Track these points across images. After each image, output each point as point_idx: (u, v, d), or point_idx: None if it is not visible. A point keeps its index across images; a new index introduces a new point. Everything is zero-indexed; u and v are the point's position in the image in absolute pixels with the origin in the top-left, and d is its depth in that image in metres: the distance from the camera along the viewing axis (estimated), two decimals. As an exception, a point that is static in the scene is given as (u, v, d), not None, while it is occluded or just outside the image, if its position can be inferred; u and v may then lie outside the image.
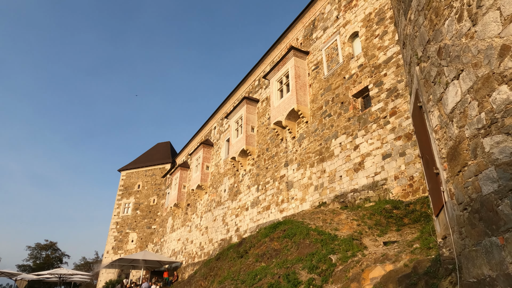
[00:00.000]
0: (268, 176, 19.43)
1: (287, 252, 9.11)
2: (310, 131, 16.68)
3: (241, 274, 9.36)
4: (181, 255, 29.97)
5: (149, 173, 44.85)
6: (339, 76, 15.53)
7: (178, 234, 32.28)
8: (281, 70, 19.12)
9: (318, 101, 16.65)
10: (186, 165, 34.52)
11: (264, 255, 9.68)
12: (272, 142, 19.89)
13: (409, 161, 11.03)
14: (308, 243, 8.81)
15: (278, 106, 18.61)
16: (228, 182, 24.49)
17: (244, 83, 25.63)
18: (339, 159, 14.20)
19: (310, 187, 15.55)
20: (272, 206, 18.23)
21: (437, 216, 5.15)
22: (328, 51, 16.77)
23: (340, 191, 13.65)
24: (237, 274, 9.54)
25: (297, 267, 7.97)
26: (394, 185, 11.35)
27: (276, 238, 10.02)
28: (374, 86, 13.35)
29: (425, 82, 4.95)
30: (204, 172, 28.48)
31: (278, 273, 8.03)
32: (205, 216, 27.14)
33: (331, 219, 10.28)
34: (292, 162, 17.47)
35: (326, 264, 7.55)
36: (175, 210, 33.57)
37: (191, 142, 35.47)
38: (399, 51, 12.65)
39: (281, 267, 8.37)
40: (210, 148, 29.53)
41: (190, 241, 28.79)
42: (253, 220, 19.76)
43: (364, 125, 13.31)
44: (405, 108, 11.73)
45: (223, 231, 23.21)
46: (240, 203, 21.85)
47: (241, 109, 23.11)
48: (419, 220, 9.67)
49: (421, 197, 10.29)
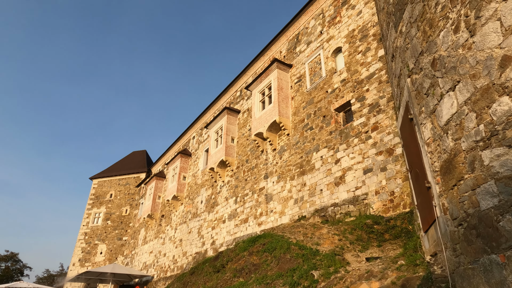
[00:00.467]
0: (247, 188, 19.07)
1: (267, 267, 8.75)
2: (291, 143, 16.56)
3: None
4: (153, 269, 28.76)
5: (122, 182, 43.32)
6: (322, 90, 15.59)
7: (151, 246, 31.06)
8: (264, 81, 19.06)
9: (300, 114, 16.61)
10: (162, 174, 33.57)
11: (242, 270, 9.26)
12: (252, 153, 19.63)
13: (390, 176, 11.03)
14: (289, 258, 8.49)
15: (259, 117, 18.45)
16: (206, 193, 23.90)
17: (226, 93, 25.40)
18: (320, 172, 14.10)
19: (290, 200, 15.32)
20: (250, 219, 17.82)
21: (426, 232, 5.00)
22: (311, 65, 16.88)
23: (320, 205, 13.48)
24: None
25: (278, 283, 7.63)
26: (375, 200, 11.30)
27: (256, 252, 9.64)
28: (356, 101, 13.44)
29: (417, 94, 4.88)
30: (180, 183, 27.72)
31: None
32: (180, 228, 26.27)
33: (312, 233, 10.03)
34: (272, 174, 17.23)
35: (308, 281, 7.25)
36: (149, 221, 32.39)
37: (168, 151, 34.64)
38: (381, 68, 12.84)
39: (261, 283, 8.00)
40: (188, 158, 28.88)
41: (163, 254, 27.72)
42: (230, 233, 19.23)
43: (346, 139, 13.31)
44: (387, 123, 11.82)
45: (198, 244, 22.47)
46: (217, 215, 21.29)
47: (222, 119, 22.80)
48: (400, 236, 9.60)
49: (401, 213, 10.26)
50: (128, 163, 46.37)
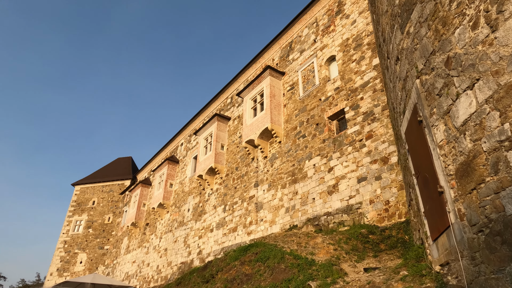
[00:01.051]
0: (236, 196, 18.64)
1: (260, 277, 8.35)
2: (283, 151, 16.31)
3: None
4: (135, 279, 27.73)
5: (106, 189, 42.10)
6: (315, 98, 15.47)
7: (134, 256, 30.02)
8: (256, 88, 18.86)
9: (292, 121, 16.42)
10: (148, 182, 32.75)
11: (234, 280, 8.82)
12: (243, 161, 19.27)
13: (385, 185, 10.86)
14: (284, 267, 8.12)
15: (251, 124, 18.17)
16: (193, 201, 23.31)
17: (216, 100, 25.09)
18: (313, 181, 13.85)
19: (281, 209, 14.98)
20: (239, 228, 17.36)
21: (435, 241, 4.76)
22: (305, 73, 16.79)
23: (312, 214, 13.19)
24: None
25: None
26: (369, 209, 11.09)
27: (248, 262, 9.23)
28: (350, 109, 13.34)
29: (427, 95, 4.69)
30: (167, 190, 27.03)
31: (251, 301, 7.23)
32: (165, 237, 25.48)
33: (306, 243, 9.69)
34: (263, 182, 16.89)
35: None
36: (132, 229, 31.39)
37: (155, 158, 33.90)
38: (376, 76, 12.80)
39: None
40: (175, 165, 28.27)
41: (147, 264, 26.78)
42: (217, 242, 18.68)
43: (340, 148, 13.14)
44: (381, 132, 11.70)
45: (184, 254, 21.77)
46: (205, 224, 20.72)
47: (212, 126, 22.43)
48: (396, 246, 9.37)
49: (397, 223, 10.06)
50: (113, 169, 45.21)
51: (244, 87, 19.77)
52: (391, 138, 11.28)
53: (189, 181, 25.00)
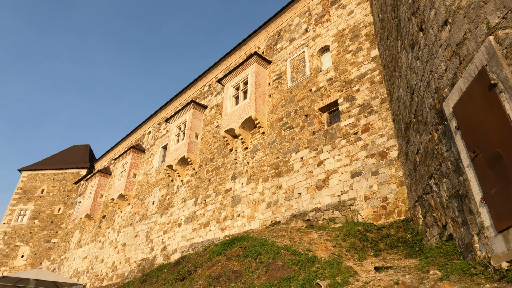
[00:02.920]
0: (210, 189, 17.26)
1: (252, 274, 7.18)
2: (266, 142, 15.24)
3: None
4: (86, 277, 25.20)
5: (58, 177, 38.53)
6: (305, 88, 14.60)
7: (86, 251, 27.38)
8: (240, 75, 17.68)
9: (278, 112, 15.43)
10: (107, 171, 30.20)
11: (219, 277, 7.56)
12: (219, 152, 17.95)
13: (383, 181, 10.15)
14: (281, 264, 7.01)
15: (232, 113, 16.94)
16: (159, 193, 21.51)
17: (192, 87, 23.53)
18: (299, 174, 12.90)
19: (262, 204, 13.87)
20: (212, 223, 16.00)
21: (503, 231, 3.94)
22: (294, 62, 15.89)
23: (298, 210, 12.22)
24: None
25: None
26: (364, 206, 10.32)
27: (235, 257, 8.01)
28: (344, 101, 12.60)
29: (507, 52, 3.88)
30: (130, 180, 24.90)
31: (245, 302, 6.05)
32: (124, 231, 23.35)
33: (300, 238, 8.66)
34: (242, 175, 15.69)
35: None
36: (86, 222, 28.69)
37: (117, 146, 31.40)
38: (374, 68, 12.16)
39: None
40: (140, 154, 26.19)
41: (100, 260, 24.41)
42: (186, 238, 17.15)
43: (331, 140, 12.32)
44: (380, 125, 11.02)
45: (145, 250, 19.91)
46: (172, 217, 19.07)
47: (186, 113, 20.87)
48: (397, 245, 8.62)
49: (396, 221, 9.35)
50: (68, 157, 41.58)
51: (226, 74, 18.51)
52: (391, 132, 10.63)
53: (156, 172, 23.14)
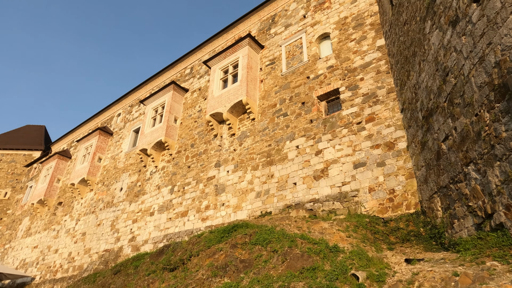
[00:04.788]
0: (189, 177, 16.01)
1: (265, 264, 6.27)
2: (256, 129, 14.34)
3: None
4: (36, 268, 22.68)
5: (6, 159, 34.78)
6: (302, 75, 13.90)
7: (36, 240, 24.72)
8: (229, 58, 16.62)
9: (271, 98, 14.59)
10: (67, 154, 27.60)
11: (225, 267, 6.55)
12: (201, 137, 16.75)
13: (390, 172, 9.67)
14: (299, 253, 6.18)
15: (219, 96, 15.84)
16: (129, 179, 19.79)
17: (171, 69, 22.02)
18: (295, 163, 12.16)
19: (250, 193, 12.95)
20: (191, 212, 14.79)
21: None
22: (290, 48, 15.15)
23: (293, 201, 11.46)
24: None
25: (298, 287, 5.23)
26: (368, 198, 9.78)
27: (241, 245, 7.05)
28: (346, 90, 12.05)
29: None
30: (94, 165, 22.78)
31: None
32: (84, 219, 21.26)
33: (308, 227, 7.89)
34: (227, 162, 14.66)
35: (347, 285, 5.05)
36: (39, 208, 25.95)
37: (79, 128, 28.85)
38: (380, 58, 11.73)
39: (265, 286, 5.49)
40: (108, 137, 24.11)
41: (54, 250, 22.06)
42: (159, 228, 15.76)
43: (332, 129, 11.71)
44: (386, 115, 10.57)
45: (110, 240, 18.15)
46: (143, 206, 17.53)
47: (166, 94, 19.38)
48: (409, 239, 8.14)
49: (404, 214, 8.88)
50: (19, 137, 37.71)
51: (214, 55, 17.35)
52: (398, 123, 10.20)
53: (126, 156, 21.33)
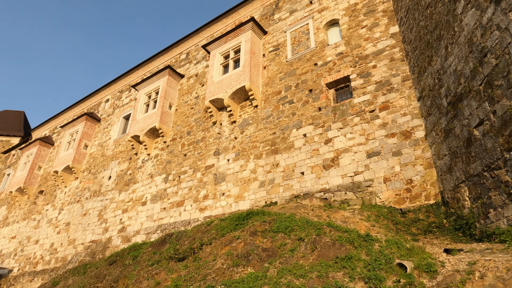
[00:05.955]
0: (185, 165, 15.26)
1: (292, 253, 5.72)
2: (259, 117, 13.73)
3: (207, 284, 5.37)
4: (13, 260, 21.37)
5: (-18, 144, 32.78)
6: (309, 62, 13.38)
7: (14, 230, 23.32)
8: (231, 42, 15.90)
9: (275, 85, 14.00)
10: (49, 140, 26.18)
11: (247, 256, 5.95)
12: (199, 125, 16.00)
13: (407, 162, 9.28)
14: (331, 242, 5.67)
15: (220, 81, 15.12)
16: (118, 167, 18.80)
17: (165, 54, 21.06)
18: (302, 152, 11.64)
19: (253, 183, 12.36)
20: (187, 202, 14.06)
21: None
22: (295, 34, 14.58)
23: (300, 190, 10.95)
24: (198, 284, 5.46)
25: (336, 277, 4.71)
26: (383, 188, 9.38)
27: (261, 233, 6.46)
28: (358, 77, 11.61)
29: None
30: (80, 152, 21.60)
31: (302, 284, 4.59)
32: (68, 208, 20.12)
33: (328, 216, 7.38)
34: (227, 151, 14.00)
35: (394, 275, 4.56)
36: (17, 197, 24.50)
37: (63, 113, 27.40)
38: (394, 45, 11.34)
39: (297, 276, 4.94)
40: (95, 123, 22.93)
41: (34, 241, 20.82)
42: (152, 218, 14.95)
43: (342, 117, 11.25)
44: (401, 103, 10.18)
45: (97, 230, 17.17)
46: (134, 195, 16.64)
47: (160, 79, 18.47)
48: (431, 231, 7.77)
49: (423, 205, 8.52)
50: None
51: (213, 40, 16.59)
52: (415, 111, 9.82)
53: (115, 144, 20.28)
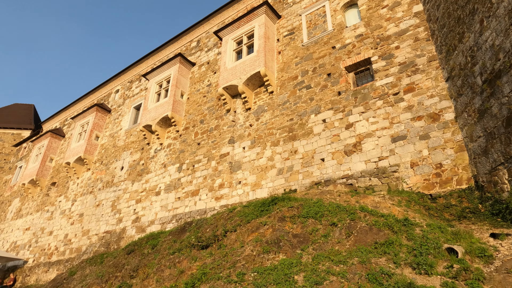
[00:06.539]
0: (199, 154, 14.97)
1: (326, 239, 5.40)
2: (275, 103, 13.34)
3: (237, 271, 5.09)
4: (28, 251, 21.47)
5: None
6: (326, 45, 12.89)
7: (28, 221, 23.42)
8: (243, 27, 15.45)
9: (291, 70, 13.56)
10: (60, 132, 26.13)
11: (277, 242, 5.64)
12: (212, 113, 15.66)
13: (436, 145, 8.85)
14: (367, 227, 5.33)
15: (233, 68, 14.72)
16: (130, 158, 18.61)
17: (175, 42, 20.66)
18: (321, 138, 11.25)
19: (271, 170, 12.03)
20: (202, 191, 13.81)
21: None
22: (311, 17, 14.07)
23: (321, 177, 10.59)
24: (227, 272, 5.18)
25: (379, 263, 4.37)
26: (411, 173, 8.97)
27: (289, 218, 6.15)
28: (379, 59, 11.12)
29: None
30: (91, 143, 21.46)
31: (344, 271, 4.26)
32: (81, 199, 20.07)
33: (357, 201, 7.03)
34: (243, 138, 13.66)
35: (444, 260, 4.19)
36: (30, 189, 24.56)
37: (73, 105, 27.30)
38: (418, 24, 10.80)
39: (338, 262, 4.62)
40: (105, 114, 22.74)
41: (48, 232, 20.87)
42: (167, 208, 14.75)
43: (364, 101, 10.81)
44: (428, 85, 9.70)
45: (111, 221, 17.07)
46: (148, 185, 16.45)
47: (171, 68, 18.12)
48: (465, 216, 7.36)
49: (455, 190, 8.10)
50: (6, 115, 35.77)
51: (225, 25, 16.14)
52: (443, 93, 9.34)
53: (126, 134, 20.08)
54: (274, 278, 4.51)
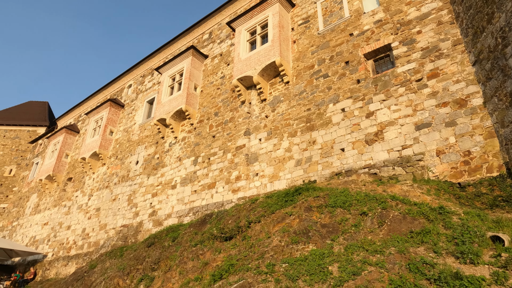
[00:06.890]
0: (215, 147, 14.85)
1: (356, 228, 5.21)
2: (291, 93, 13.08)
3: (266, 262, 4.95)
4: (47, 245, 21.82)
5: (10, 135, 33.51)
6: (343, 33, 12.53)
7: (46, 216, 23.78)
8: (257, 17, 15.16)
9: (307, 59, 13.26)
10: (75, 128, 26.36)
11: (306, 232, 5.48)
12: (226, 105, 15.49)
13: (464, 132, 8.50)
14: (400, 216, 5.11)
15: (247, 58, 14.48)
16: (145, 152, 18.63)
17: (186, 35, 20.50)
18: (341, 128, 10.98)
19: (289, 162, 11.83)
20: (219, 184, 13.70)
21: None
22: (327, 5, 13.70)
23: (341, 167, 10.34)
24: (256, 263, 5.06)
25: (418, 252, 4.15)
26: (437, 162, 8.65)
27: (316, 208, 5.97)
28: (400, 45, 10.74)
29: None
30: (106, 138, 21.57)
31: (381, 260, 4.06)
32: (97, 194, 20.23)
33: (384, 190, 6.80)
34: (259, 130, 13.46)
35: (489, 249, 3.95)
36: (47, 184, 24.90)
37: (87, 101, 27.49)
38: (441, 7, 10.37)
39: (374, 252, 4.42)
40: (119, 109, 22.81)
41: (66, 227, 21.14)
42: (183, 201, 14.71)
43: (385, 89, 10.47)
44: (453, 70, 9.32)
45: (127, 215, 17.16)
46: (163, 179, 16.44)
47: (184, 61, 17.98)
48: (498, 205, 7.05)
49: (485, 178, 7.77)
50: (22, 113, 36.32)
51: (238, 16, 15.88)
52: (470, 77, 8.96)
53: (140, 129, 20.10)
54: (307, 269, 4.35)
